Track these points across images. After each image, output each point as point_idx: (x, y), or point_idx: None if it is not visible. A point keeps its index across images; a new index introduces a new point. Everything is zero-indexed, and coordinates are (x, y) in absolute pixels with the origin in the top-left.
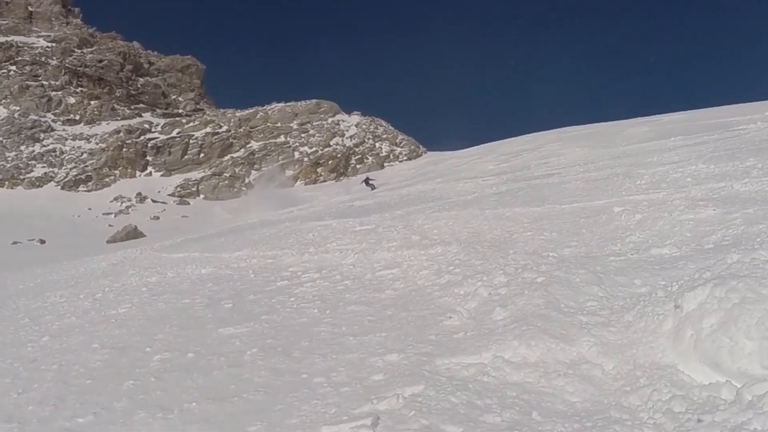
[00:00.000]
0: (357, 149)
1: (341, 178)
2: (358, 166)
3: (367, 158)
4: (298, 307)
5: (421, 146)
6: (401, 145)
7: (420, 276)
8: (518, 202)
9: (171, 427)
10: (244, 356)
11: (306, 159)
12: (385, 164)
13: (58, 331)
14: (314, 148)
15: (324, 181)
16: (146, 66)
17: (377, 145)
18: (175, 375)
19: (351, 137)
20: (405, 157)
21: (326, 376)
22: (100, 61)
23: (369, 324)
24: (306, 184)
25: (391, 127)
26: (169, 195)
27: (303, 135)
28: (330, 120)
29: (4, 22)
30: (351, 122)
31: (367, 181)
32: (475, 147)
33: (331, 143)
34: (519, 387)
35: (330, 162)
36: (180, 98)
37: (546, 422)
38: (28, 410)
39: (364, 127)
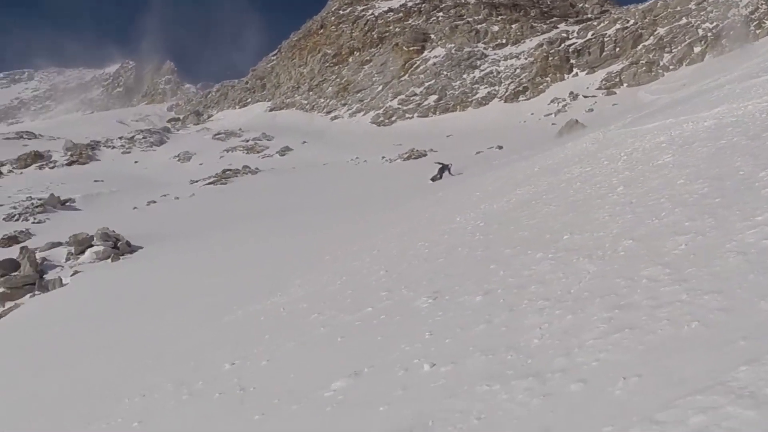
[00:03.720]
0: (753, 16)
1: (744, 45)
2: (757, 32)
3: (764, 23)
4: None
5: None
6: None
7: None
8: None
9: None
10: None
11: (709, 34)
12: None
13: (636, 178)
14: (714, 23)
15: (730, 51)
16: None
17: None
18: None
19: (745, 6)
20: None
21: None
22: None
23: None
24: (714, 56)
25: None
26: (597, 89)
27: (702, 13)
28: None
29: None
30: None
31: (447, 168)
32: None
33: (729, 15)
34: None
35: (731, 33)
36: (586, 5)
37: None
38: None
39: None
